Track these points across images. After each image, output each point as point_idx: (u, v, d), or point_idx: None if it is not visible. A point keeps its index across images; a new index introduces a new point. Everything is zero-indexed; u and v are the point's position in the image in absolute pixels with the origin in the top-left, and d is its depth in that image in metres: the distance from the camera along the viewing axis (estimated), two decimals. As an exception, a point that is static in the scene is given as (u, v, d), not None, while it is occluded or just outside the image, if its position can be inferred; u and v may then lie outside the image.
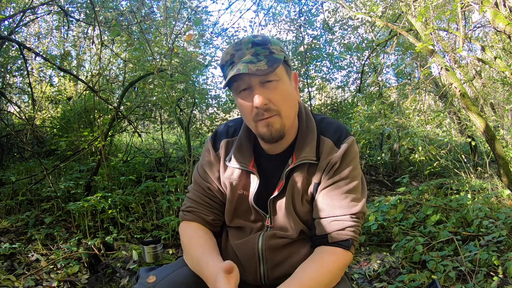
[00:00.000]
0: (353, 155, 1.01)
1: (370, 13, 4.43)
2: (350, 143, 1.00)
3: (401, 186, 3.91)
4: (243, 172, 1.06)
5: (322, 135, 1.03)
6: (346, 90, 7.57)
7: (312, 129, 1.03)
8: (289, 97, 0.97)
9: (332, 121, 1.07)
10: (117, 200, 3.15)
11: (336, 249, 0.97)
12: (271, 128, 0.95)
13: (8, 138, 5.13)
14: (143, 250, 2.45)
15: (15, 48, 4.49)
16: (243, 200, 1.08)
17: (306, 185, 1.02)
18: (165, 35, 4.40)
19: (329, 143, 1.01)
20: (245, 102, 0.95)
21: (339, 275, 0.99)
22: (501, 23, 2.54)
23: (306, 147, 1.01)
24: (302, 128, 1.05)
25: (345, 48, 6.95)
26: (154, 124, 6.23)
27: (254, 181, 1.05)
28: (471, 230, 2.62)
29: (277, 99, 0.94)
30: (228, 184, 1.08)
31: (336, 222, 0.98)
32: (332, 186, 0.99)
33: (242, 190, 1.07)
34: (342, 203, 0.98)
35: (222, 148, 1.10)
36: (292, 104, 0.99)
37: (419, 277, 2.13)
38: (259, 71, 0.88)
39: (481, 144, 4.87)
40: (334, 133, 1.02)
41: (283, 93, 0.95)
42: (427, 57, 3.87)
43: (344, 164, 0.99)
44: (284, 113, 0.96)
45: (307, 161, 1.00)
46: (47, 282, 2.27)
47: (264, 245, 1.03)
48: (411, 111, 4.76)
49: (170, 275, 0.99)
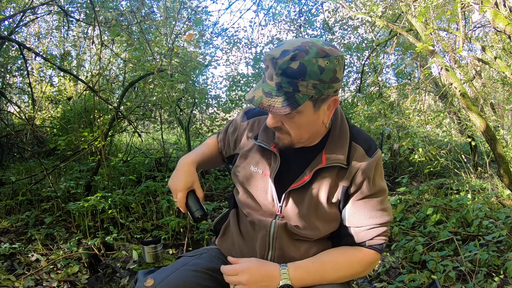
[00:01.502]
0: (382, 167, 1.06)
1: (370, 13, 4.43)
2: (380, 155, 1.05)
3: (401, 186, 3.91)
4: (264, 151, 1.08)
5: (354, 142, 1.04)
6: (346, 90, 7.57)
7: (345, 133, 1.04)
8: (305, 127, 0.97)
9: (360, 130, 1.10)
10: (117, 200, 3.14)
11: (368, 250, 1.03)
12: (279, 142, 1.00)
13: (8, 138, 5.12)
14: (143, 250, 2.45)
15: (15, 48, 4.48)
16: (257, 178, 1.07)
17: (334, 188, 1.02)
18: (165, 35, 4.40)
19: (361, 150, 1.03)
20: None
21: (360, 273, 1.03)
22: (501, 23, 2.54)
23: (338, 150, 1.01)
24: (335, 129, 1.05)
25: (345, 48, 6.94)
26: (154, 124, 6.23)
27: (275, 162, 1.05)
28: (471, 230, 2.62)
29: (290, 126, 0.96)
30: (248, 161, 1.10)
31: (373, 230, 1.02)
32: (369, 197, 1.02)
33: (259, 169, 1.07)
34: (378, 213, 1.02)
35: (249, 123, 1.15)
36: (308, 131, 0.99)
37: (419, 277, 2.13)
38: (270, 107, 0.87)
39: (481, 144, 4.87)
40: (365, 141, 1.05)
41: (298, 124, 0.95)
42: (427, 57, 3.87)
43: (378, 176, 1.03)
44: (295, 136, 0.98)
45: (338, 165, 1.00)
46: (47, 282, 2.27)
47: (276, 232, 1.03)
48: (411, 111, 4.76)
49: (167, 278, 0.98)
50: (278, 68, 0.87)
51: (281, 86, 0.88)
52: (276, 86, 0.88)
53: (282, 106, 0.87)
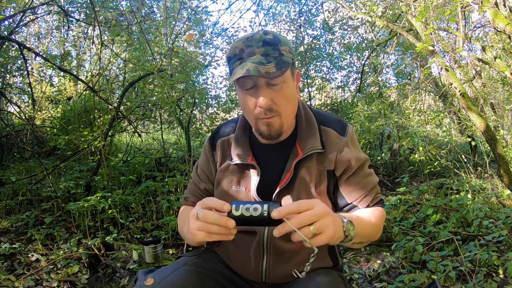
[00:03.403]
0: (356, 140, 1.10)
1: (370, 13, 4.43)
2: (352, 130, 1.09)
3: (401, 186, 3.91)
4: (242, 167, 1.08)
5: (323, 126, 1.08)
6: (346, 90, 7.57)
7: (312, 120, 1.08)
8: (291, 98, 0.99)
9: (327, 113, 1.14)
10: (117, 200, 3.14)
11: (378, 207, 1.06)
12: (271, 128, 0.99)
13: (8, 138, 5.13)
14: (143, 250, 2.45)
15: (15, 48, 4.48)
16: (242, 196, 1.07)
17: (318, 175, 1.04)
18: (165, 35, 4.40)
19: (333, 132, 1.06)
20: (249, 99, 0.97)
21: (381, 228, 1.06)
22: (501, 23, 2.54)
23: (310, 137, 1.04)
24: (301, 120, 1.08)
25: (345, 48, 6.95)
26: (154, 124, 6.22)
27: (255, 175, 1.05)
28: (471, 230, 2.62)
29: (280, 100, 0.96)
30: (226, 182, 1.09)
31: (370, 193, 1.06)
32: (357, 170, 1.05)
33: (241, 187, 1.08)
34: (369, 179, 1.06)
35: (219, 148, 1.14)
36: (294, 105, 1.02)
37: (419, 277, 2.13)
38: (268, 73, 0.89)
39: (481, 144, 4.87)
40: (334, 123, 1.09)
41: (286, 95, 0.97)
42: (427, 57, 3.86)
43: (357, 149, 1.07)
44: (284, 113, 0.99)
45: (315, 151, 1.02)
46: (47, 282, 2.27)
47: (270, 237, 1.03)
48: (411, 111, 4.76)
49: (168, 277, 0.98)
50: (258, 41, 0.92)
51: (267, 54, 0.92)
52: (263, 56, 0.92)
53: (277, 69, 0.89)
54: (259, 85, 0.94)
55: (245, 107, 1.00)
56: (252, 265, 1.06)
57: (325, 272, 1.05)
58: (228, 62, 1.00)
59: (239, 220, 0.77)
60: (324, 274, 1.03)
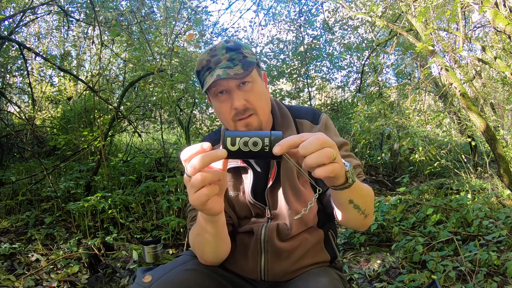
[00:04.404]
0: (332, 126, 1.12)
1: (370, 13, 4.43)
2: (325, 117, 1.12)
3: (401, 186, 3.91)
4: (234, 171, 1.10)
5: (297, 118, 1.12)
6: (346, 90, 7.58)
7: (287, 114, 1.12)
8: (263, 95, 1.04)
9: (300, 106, 1.18)
10: (117, 200, 3.14)
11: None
12: (250, 128, 1.02)
13: (8, 138, 5.12)
14: (143, 250, 2.45)
15: (15, 48, 4.49)
16: (240, 200, 1.10)
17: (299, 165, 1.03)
18: (165, 35, 4.39)
19: (307, 123, 1.11)
20: (224, 104, 1.01)
21: (373, 207, 0.99)
22: (501, 23, 2.54)
23: (287, 130, 1.08)
24: (276, 116, 1.12)
25: (345, 48, 6.95)
26: (154, 124, 6.23)
27: (247, 177, 1.08)
28: (471, 230, 2.62)
29: (253, 98, 1.01)
30: None
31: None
32: None
33: (237, 191, 1.10)
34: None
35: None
36: (267, 101, 1.07)
37: (419, 277, 2.13)
38: (237, 74, 0.95)
39: (481, 144, 4.87)
40: (307, 114, 1.13)
41: (257, 93, 1.02)
42: (427, 57, 3.87)
43: (332, 135, 1.08)
44: (260, 111, 1.02)
45: None
46: (47, 282, 2.27)
47: (267, 236, 1.05)
48: (411, 111, 4.76)
49: (166, 275, 0.98)
50: (221, 49, 1.00)
51: (232, 58, 0.99)
52: (229, 61, 0.98)
53: (244, 70, 0.95)
54: (230, 89, 0.99)
55: (221, 114, 1.04)
56: (251, 264, 1.07)
57: (324, 271, 1.06)
58: (198, 76, 1.05)
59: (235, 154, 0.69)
60: (323, 274, 1.04)
